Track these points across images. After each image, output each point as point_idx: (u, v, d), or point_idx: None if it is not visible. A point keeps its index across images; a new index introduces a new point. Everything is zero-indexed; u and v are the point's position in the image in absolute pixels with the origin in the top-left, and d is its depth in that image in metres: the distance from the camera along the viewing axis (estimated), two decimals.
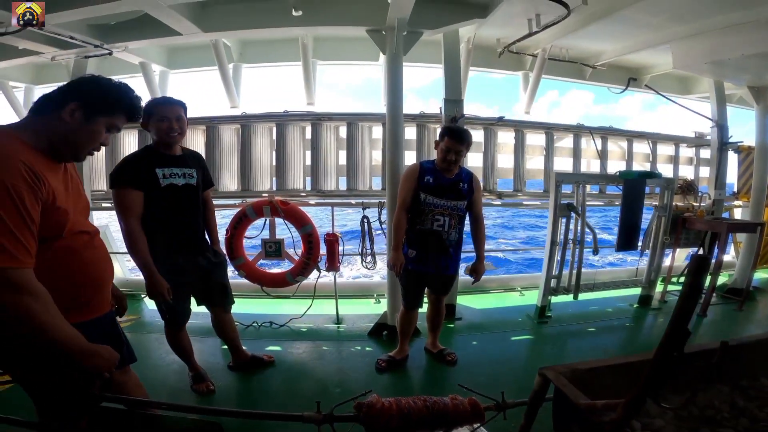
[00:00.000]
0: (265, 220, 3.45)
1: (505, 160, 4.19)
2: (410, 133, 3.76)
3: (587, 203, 3.56)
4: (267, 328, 3.23)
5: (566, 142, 4.42)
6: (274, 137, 3.77)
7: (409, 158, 3.66)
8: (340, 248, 3.41)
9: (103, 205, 3.90)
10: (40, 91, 4.71)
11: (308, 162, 3.77)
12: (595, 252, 3.47)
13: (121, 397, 1.08)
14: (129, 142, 3.90)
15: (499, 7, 3.01)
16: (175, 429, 1.02)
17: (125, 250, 2.01)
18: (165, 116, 1.98)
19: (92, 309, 1.23)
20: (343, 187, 3.79)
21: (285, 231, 3.48)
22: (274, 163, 3.79)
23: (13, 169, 0.93)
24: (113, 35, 3.45)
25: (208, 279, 2.25)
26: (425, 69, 4.24)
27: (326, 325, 3.35)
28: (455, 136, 2.32)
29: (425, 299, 2.64)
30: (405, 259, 2.38)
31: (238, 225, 3.31)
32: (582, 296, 3.61)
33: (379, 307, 3.63)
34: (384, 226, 3.45)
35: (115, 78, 3.59)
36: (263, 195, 3.61)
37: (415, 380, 2.57)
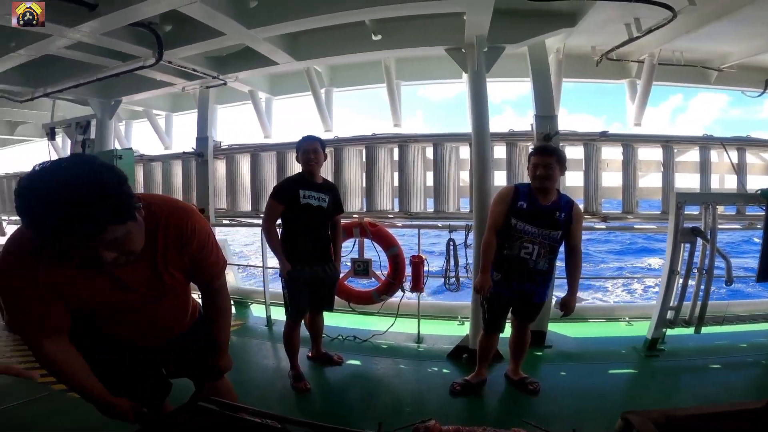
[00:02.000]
0: (355, 240, 3.83)
1: (611, 178, 3.95)
2: (500, 152, 3.82)
3: (719, 226, 3.19)
4: (351, 342, 3.51)
5: (691, 155, 4.01)
6: (364, 159, 4.17)
7: (499, 178, 3.72)
8: (425, 270, 3.58)
9: (223, 221, 4.77)
10: (178, 118, 5.92)
11: (396, 183, 4.08)
12: (729, 282, 3.08)
13: (216, 400, 1.24)
14: (243, 163, 4.71)
15: (588, 14, 2.95)
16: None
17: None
18: (306, 149, 2.67)
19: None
20: (430, 208, 3.99)
21: (373, 251, 3.81)
22: (363, 185, 4.18)
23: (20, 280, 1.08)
24: (226, 67, 4.18)
25: (322, 285, 2.78)
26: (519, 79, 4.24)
27: (407, 343, 3.50)
28: (540, 149, 2.45)
29: (507, 324, 2.67)
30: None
31: None
32: (707, 329, 3.24)
33: (462, 329, 3.71)
34: (470, 249, 3.53)
35: (229, 105, 4.21)
36: (354, 216, 4.01)
37: (489, 407, 2.59)
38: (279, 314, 3.89)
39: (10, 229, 7.06)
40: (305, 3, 2.96)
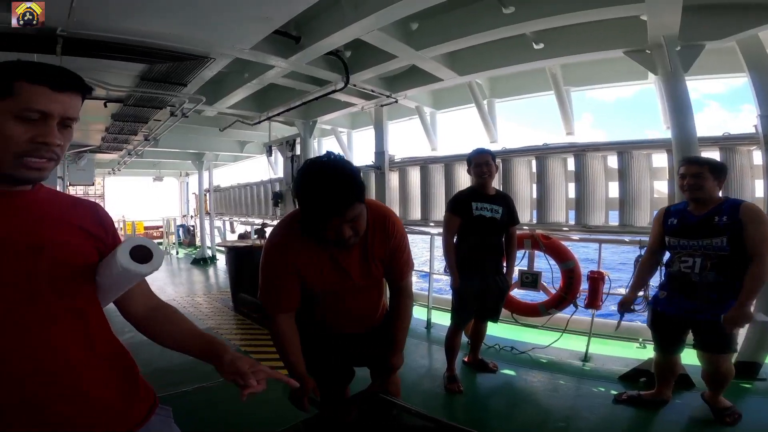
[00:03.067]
0: (525, 252, 3.85)
1: None
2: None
3: None
4: (507, 353, 3.49)
5: None
6: (534, 170, 4.14)
7: None
8: (605, 287, 3.39)
9: (415, 229, 5.24)
10: (357, 134, 6.90)
11: (571, 195, 3.93)
12: None
13: (385, 397, 1.46)
14: (413, 175, 5.23)
15: None
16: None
17: None
18: (479, 162, 2.78)
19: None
20: (613, 221, 3.73)
21: (543, 264, 3.77)
22: (534, 196, 4.17)
23: (277, 259, 1.41)
24: (396, 85, 4.67)
25: (490, 295, 2.87)
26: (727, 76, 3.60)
27: (570, 360, 3.35)
28: (688, 160, 2.32)
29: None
30: (655, 300, 2.39)
31: None
32: None
33: (642, 353, 3.38)
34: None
35: (399, 121, 5.04)
36: (524, 228, 4.03)
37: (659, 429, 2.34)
38: (438, 318, 4.18)
39: (240, 229, 9.37)
40: (465, 22, 3.13)
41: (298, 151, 6.20)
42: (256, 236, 6.23)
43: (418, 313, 4.74)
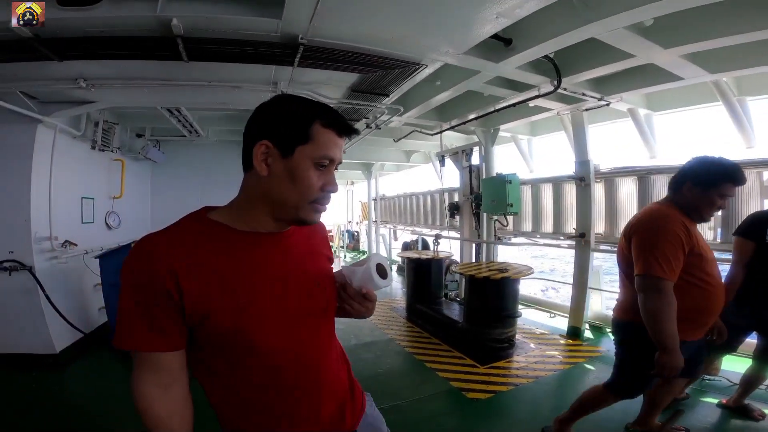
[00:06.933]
0: None
1: None
2: None
3: None
4: (761, 392, 2.91)
5: None
6: None
7: None
8: None
9: (600, 247, 4.87)
10: (536, 141, 6.58)
11: None
12: None
13: None
14: (623, 186, 4.71)
15: None
16: None
17: None
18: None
19: (695, 333, 1.88)
20: None
21: None
22: None
23: (677, 224, 1.81)
24: (607, 87, 4.23)
25: None
26: None
27: None
28: None
29: None
30: None
31: None
32: None
33: None
34: None
35: (597, 125, 4.41)
36: None
37: None
38: None
39: (404, 237, 9.88)
40: (721, 18, 2.74)
41: (474, 161, 6.12)
42: (436, 243, 6.27)
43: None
